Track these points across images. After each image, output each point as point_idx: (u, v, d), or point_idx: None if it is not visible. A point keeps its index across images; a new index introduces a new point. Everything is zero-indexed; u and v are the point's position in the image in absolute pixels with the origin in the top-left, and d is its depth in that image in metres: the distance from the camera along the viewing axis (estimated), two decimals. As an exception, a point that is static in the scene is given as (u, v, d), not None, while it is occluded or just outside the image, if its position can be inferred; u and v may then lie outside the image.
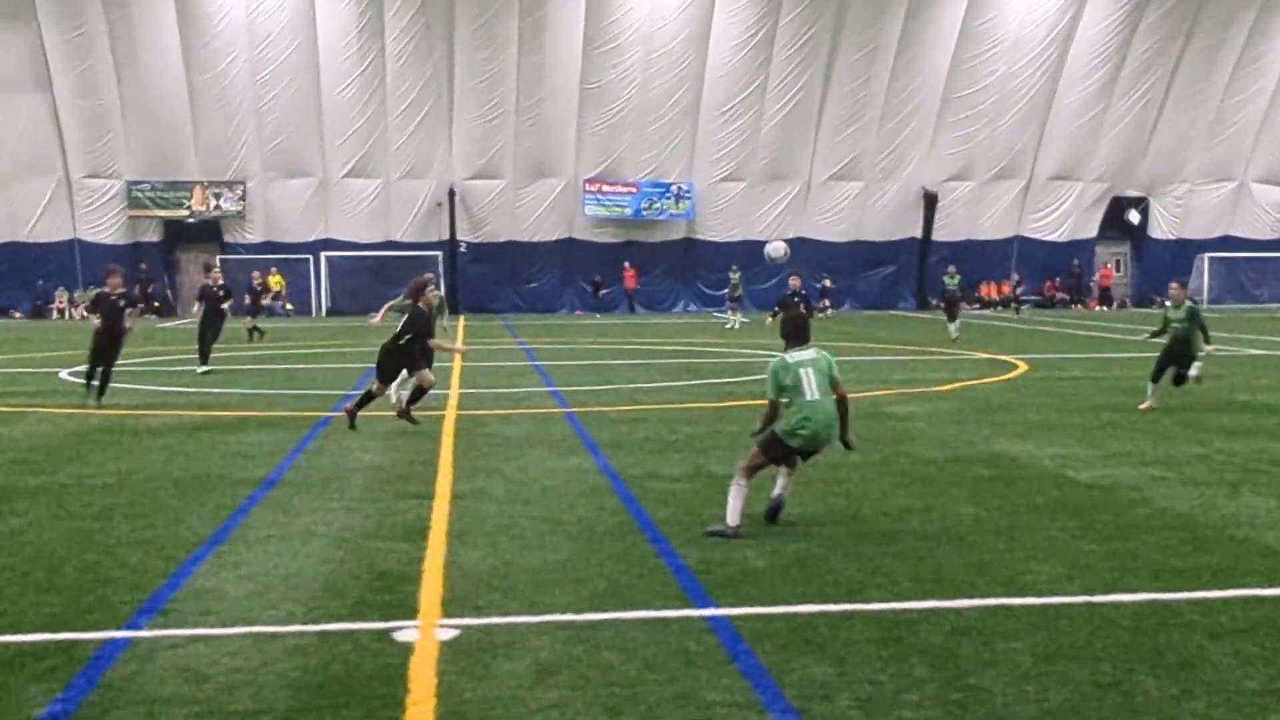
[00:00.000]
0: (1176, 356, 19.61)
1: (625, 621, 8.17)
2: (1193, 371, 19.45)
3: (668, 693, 6.83)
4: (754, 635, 7.84)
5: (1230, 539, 10.45)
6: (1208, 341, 19.65)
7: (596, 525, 11.12)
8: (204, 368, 26.86)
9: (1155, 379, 19.71)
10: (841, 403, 10.94)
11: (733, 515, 10.63)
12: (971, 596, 8.72)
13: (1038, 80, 58.31)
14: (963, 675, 7.09)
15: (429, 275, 19.39)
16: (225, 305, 28.43)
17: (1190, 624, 8.05)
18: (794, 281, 30.86)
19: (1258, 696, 6.75)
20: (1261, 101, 60.97)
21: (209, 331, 27.65)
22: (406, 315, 17.84)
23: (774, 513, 11.15)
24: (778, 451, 10.91)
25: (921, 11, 56.25)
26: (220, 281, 28.71)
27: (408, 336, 17.54)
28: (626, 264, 58.73)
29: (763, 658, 7.40)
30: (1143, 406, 19.47)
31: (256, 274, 46.19)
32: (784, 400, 10.89)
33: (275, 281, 56.59)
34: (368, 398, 17.72)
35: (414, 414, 17.69)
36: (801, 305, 28.19)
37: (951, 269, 41.75)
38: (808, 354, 11.04)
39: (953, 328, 37.49)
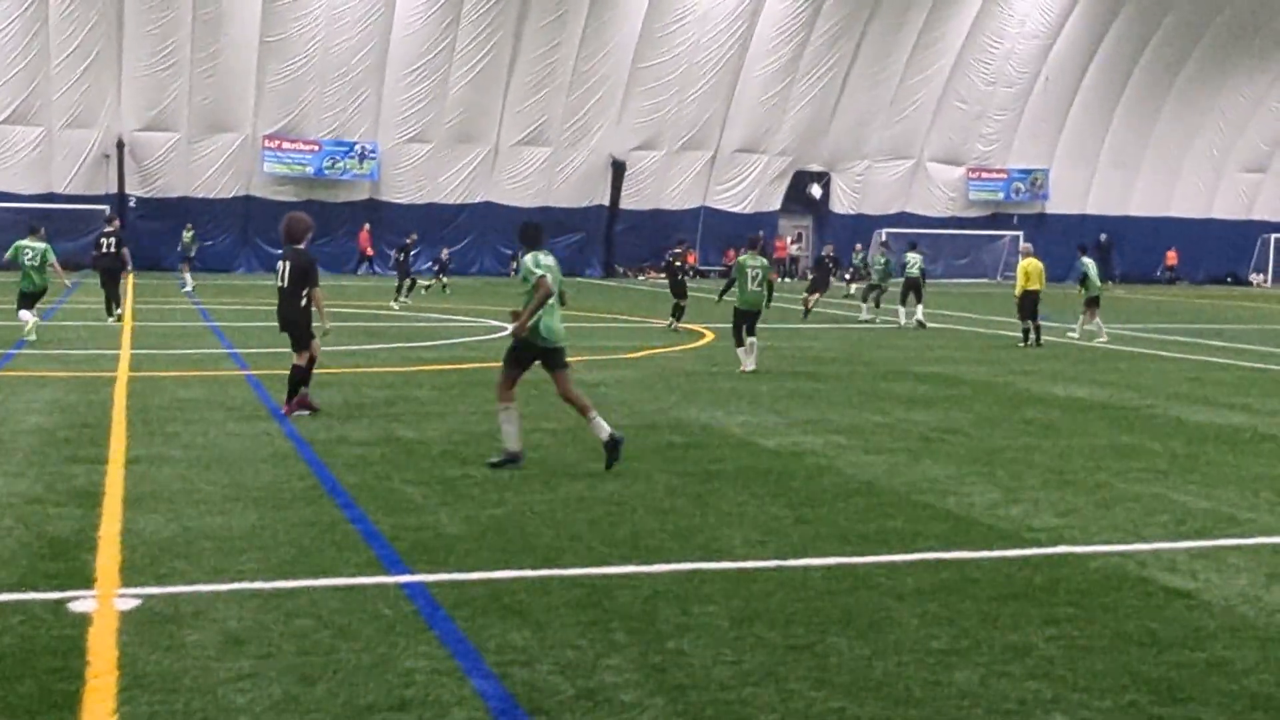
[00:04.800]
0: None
1: (317, 589, 7.89)
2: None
3: (365, 660, 6.61)
4: (451, 602, 7.67)
5: (912, 504, 10.78)
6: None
7: (283, 491, 10.76)
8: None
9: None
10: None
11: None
12: (668, 561, 8.75)
13: (725, 53, 59.39)
14: (661, 639, 7.08)
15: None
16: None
17: (878, 586, 8.25)
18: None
19: (943, 655, 6.94)
20: (938, 83, 63.64)
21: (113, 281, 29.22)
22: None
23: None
24: None
25: (611, -21, 56.63)
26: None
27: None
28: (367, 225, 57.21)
29: (461, 624, 7.25)
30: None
31: None
32: None
33: None
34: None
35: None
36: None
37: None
38: None
39: (919, 310, 32.30)
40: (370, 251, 57.16)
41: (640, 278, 59.98)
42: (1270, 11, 65.74)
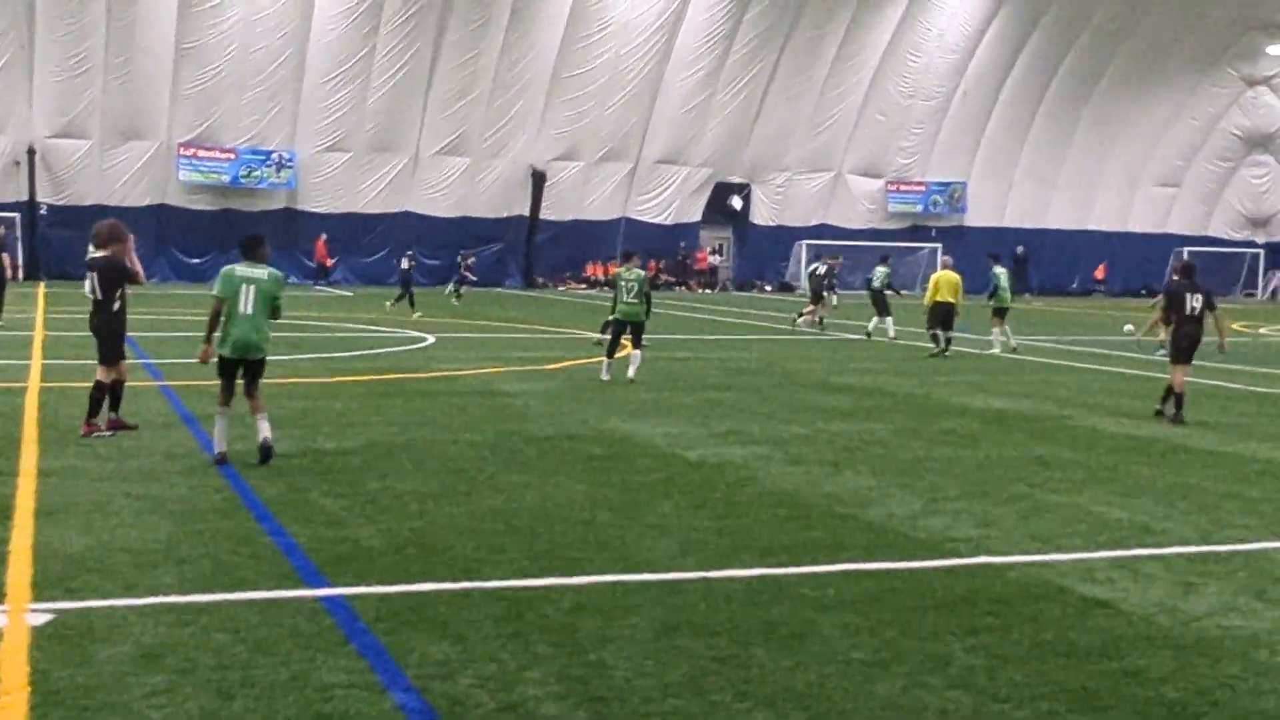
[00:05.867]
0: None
1: (235, 603, 7.79)
2: None
3: (283, 675, 6.53)
4: (371, 615, 7.60)
5: (834, 515, 10.82)
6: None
7: (200, 503, 10.61)
8: None
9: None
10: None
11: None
12: (590, 573, 8.72)
13: (646, 64, 59.44)
14: (584, 651, 7.06)
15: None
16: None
17: (800, 598, 8.26)
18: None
19: (865, 666, 6.97)
20: (857, 96, 64.11)
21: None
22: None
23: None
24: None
25: (531, -12, 56.49)
26: None
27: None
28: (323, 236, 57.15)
29: (381, 637, 7.18)
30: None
31: None
32: None
33: None
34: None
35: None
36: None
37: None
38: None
39: (888, 323, 32.77)
40: (329, 262, 56.96)
41: (560, 288, 59.86)
42: (1183, 29, 66.85)
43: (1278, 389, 22.21)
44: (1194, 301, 17.61)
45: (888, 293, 33.25)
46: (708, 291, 62.54)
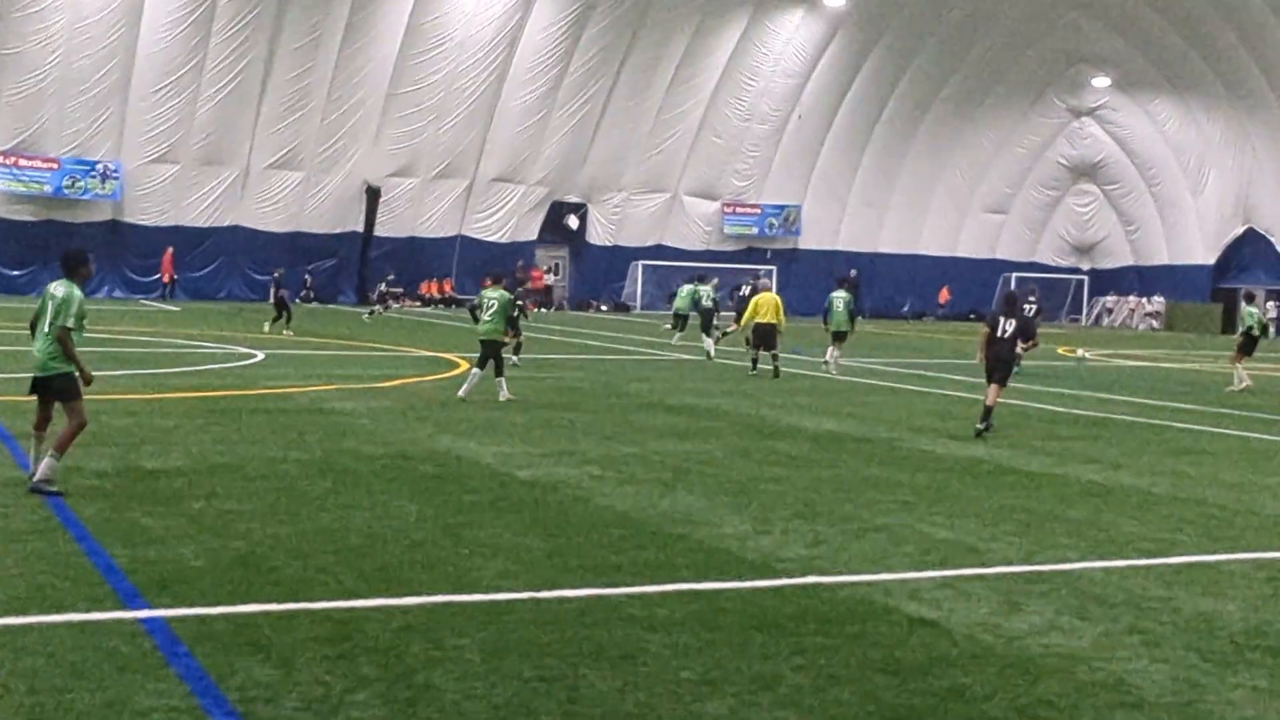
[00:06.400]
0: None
1: (50, 625, 7.54)
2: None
3: (99, 700, 6.33)
4: (192, 637, 7.41)
5: (665, 535, 10.83)
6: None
7: (14, 523, 10.27)
8: None
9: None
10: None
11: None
12: (419, 594, 8.61)
13: (483, 81, 59.26)
14: (411, 673, 6.97)
15: None
16: None
17: (631, 618, 8.24)
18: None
19: (695, 686, 6.97)
20: (694, 118, 64.72)
21: None
22: None
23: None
24: None
25: (368, 3, 55.91)
26: None
27: None
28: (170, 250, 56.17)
29: (203, 660, 7.00)
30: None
31: None
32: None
33: None
34: None
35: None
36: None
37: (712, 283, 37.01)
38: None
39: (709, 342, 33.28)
40: (167, 278, 55.90)
41: (395, 305, 59.31)
42: (1012, 60, 68.76)
43: (1099, 412, 22.84)
44: (1006, 325, 19.03)
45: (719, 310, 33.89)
46: (543, 311, 62.45)
